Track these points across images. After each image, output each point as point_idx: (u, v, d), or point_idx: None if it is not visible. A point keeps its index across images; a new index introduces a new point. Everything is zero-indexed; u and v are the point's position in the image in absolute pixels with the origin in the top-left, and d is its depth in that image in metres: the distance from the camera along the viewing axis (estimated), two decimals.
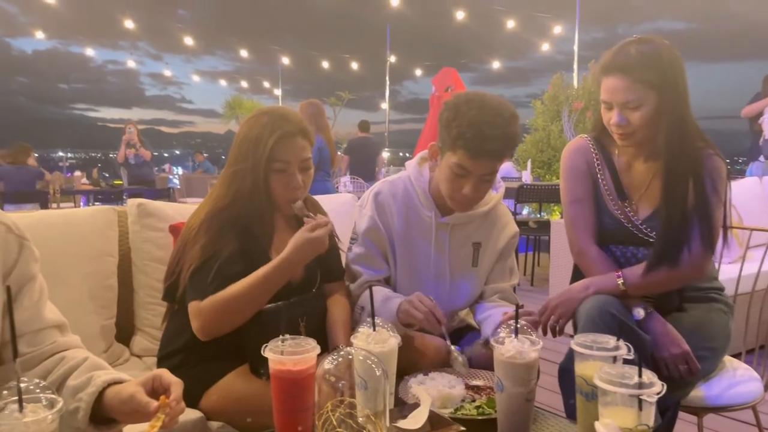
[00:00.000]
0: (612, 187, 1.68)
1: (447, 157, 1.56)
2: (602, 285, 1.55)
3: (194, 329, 1.44)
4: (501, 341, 1.18)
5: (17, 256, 1.08)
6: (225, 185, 1.54)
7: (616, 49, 1.54)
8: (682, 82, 1.53)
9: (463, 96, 1.58)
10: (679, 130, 1.52)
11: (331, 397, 0.97)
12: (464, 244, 1.74)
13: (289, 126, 1.50)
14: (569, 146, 1.75)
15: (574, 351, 1.16)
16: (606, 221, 1.67)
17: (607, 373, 1.00)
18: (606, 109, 1.57)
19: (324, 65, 17.71)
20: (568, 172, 1.72)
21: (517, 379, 1.16)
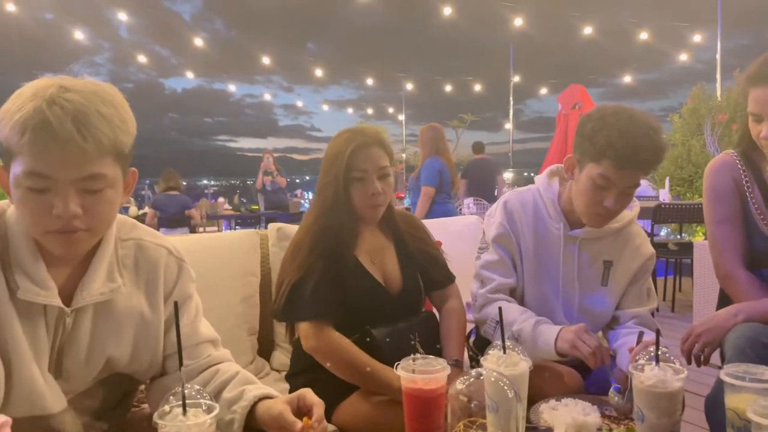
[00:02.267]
0: (763, 205, 1.55)
1: (588, 169, 1.53)
2: (754, 311, 1.42)
3: (305, 348, 1.53)
4: (641, 368, 1.13)
5: (177, 277, 1.19)
6: (314, 203, 1.65)
7: (765, 58, 1.44)
8: None
9: (609, 108, 1.55)
10: None
11: (462, 417, 0.99)
12: (594, 261, 1.68)
13: (364, 137, 1.57)
14: (713, 163, 1.65)
15: (724, 382, 1.09)
16: (757, 243, 1.54)
17: (763, 406, 0.92)
18: (755, 121, 1.46)
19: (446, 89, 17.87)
20: (713, 190, 1.62)
21: (660, 409, 1.10)
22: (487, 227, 1.76)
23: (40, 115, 0.90)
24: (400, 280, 1.64)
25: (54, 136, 0.90)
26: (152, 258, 1.16)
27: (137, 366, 1.15)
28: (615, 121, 1.47)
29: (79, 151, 0.91)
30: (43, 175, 0.92)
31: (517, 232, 1.70)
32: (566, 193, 1.67)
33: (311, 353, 1.53)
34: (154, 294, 1.15)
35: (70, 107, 0.91)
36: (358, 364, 1.47)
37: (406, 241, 1.70)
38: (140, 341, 1.13)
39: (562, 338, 1.49)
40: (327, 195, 1.59)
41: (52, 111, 0.90)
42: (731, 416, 1.08)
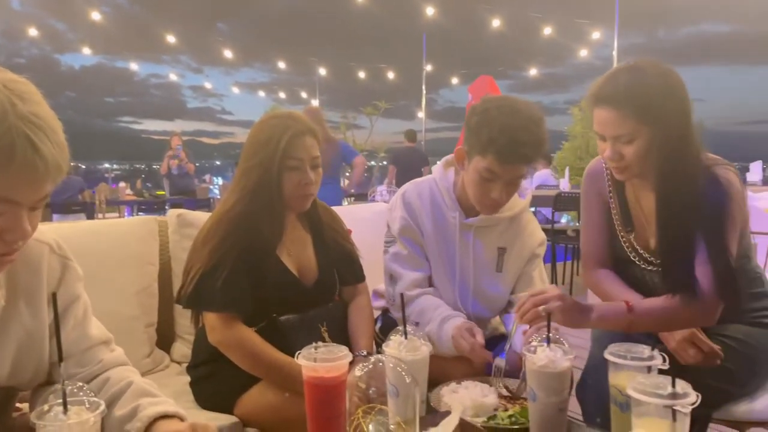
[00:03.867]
0: (620, 217, 1.59)
1: (475, 161, 1.57)
2: (608, 311, 1.42)
3: (210, 340, 1.49)
4: (533, 350, 1.18)
5: (60, 277, 1.08)
6: (233, 187, 1.59)
7: (606, 78, 1.42)
8: (678, 110, 1.38)
9: (492, 101, 1.60)
10: (676, 161, 1.38)
11: (362, 403, 0.99)
12: (489, 248, 1.74)
13: (299, 125, 1.54)
14: (587, 169, 1.69)
15: (608, 361, 1.15)
16: (618, 250, 1.61)
17: (640, 383, 0.99)
18: (600, 140, 1.46)
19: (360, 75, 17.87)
20: (583, 195, 1.68)
21: (550, 388, 1.15)
22: (390, 221, 1.78)
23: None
24: (315, 273, 1.63)
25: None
26: (32, 260, 1.04)
27: (19, 378, 1.04)
28: (497, 115, 1.52)
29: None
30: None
31: (418, 222, 1.73)
32: (461, 183, 1.71)
33: (216, 345, 1.49)
34: (35, 299, 1.04)
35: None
36: (265, 361, 1.44)
37: (325, 234, 1.69)
38: (22, 354, 1.03)
39: (453, 337, 1.55)
40: (250, 180, 1.54)
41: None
42: (614, 393, 1.15)
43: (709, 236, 1.39)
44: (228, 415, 1.50)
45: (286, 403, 1.39)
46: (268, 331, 1.48)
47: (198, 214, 1.95)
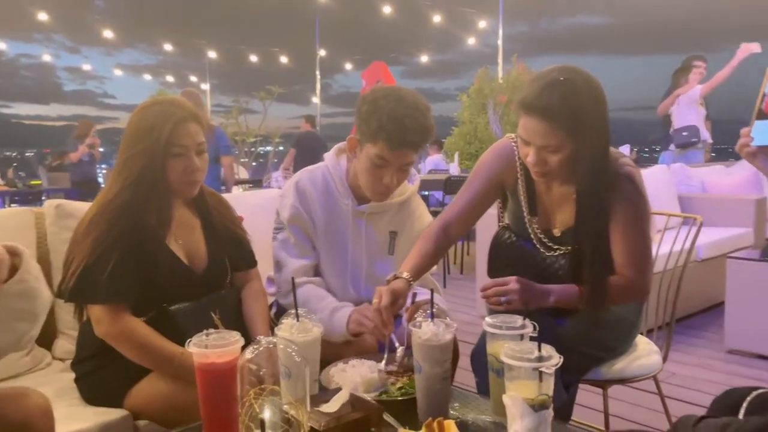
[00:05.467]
0: (526, 201, 1.67)
1: (367, 149, 1.63)
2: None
3: (96, 333, 1.45)
4: (418, 325, 1.25)
5: None
6: (114, 176, 1.54)
7: (539, 89, 1.43)
8: (603, 121, 1.48)
9: (380, 90, 1.66)
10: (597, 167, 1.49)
11: (253, 386, 1.01)
12: (381, 233, 1.81)
13: (182, 112, 1.51)
14: (495, 145, 1.75)
15: (486, 332, 1.25)
16: (521, 231, 1.70)
17: (511, 349, 1.08)
18: (523, 143, 1.52)
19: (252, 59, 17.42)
20: (481, 165, 1.73)
21: (433, 360, 1.23)
22: (280, 208, 1.80)
23: None
24: (205, 259, 1.61)
25: None
26: None
27: None
28: (385, 103, 1.58)
29: None
30: None
31: (310, 210, 1.76)
32: (353, 170, 1.76)
33: (103, 338, 1.44)
34: None
35: None
36: (156, 351, 1.42)
37: (214, 219, 1.66)
38: None
39: (353, 320, 1.60)
40: (134, 169, 1.48)
41: None
42: (491, 360, 1.25)
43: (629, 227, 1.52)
44: (118, 410, 1.46)
45: (178, 391, 1.39)
46: (159, 321, 1.46)
47: (78, 205, 1.86)
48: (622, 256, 1.54)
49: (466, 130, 7.48)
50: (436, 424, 1.04)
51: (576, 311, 1.59)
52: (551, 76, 1.44)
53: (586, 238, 1.53)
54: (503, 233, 1.76)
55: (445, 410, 1.25)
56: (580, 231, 1.55)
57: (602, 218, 1.52)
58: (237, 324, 1.59)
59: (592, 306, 1.52)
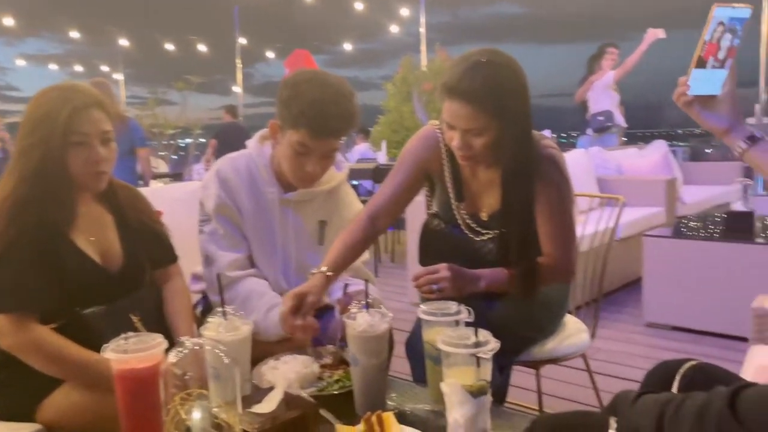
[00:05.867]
0: (452, 188, 1.67)
1: (288, 135, 1.57)
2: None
3: (2, 345, 1.33)
4: (353, 317, 1.22)
5: None
6: (9, 169, 1.40)
7: (461, 72, 1.43)
8: (525, 104, 1.49)
9: (302, 74, 1.59)
10: (521, 149, 1.50)
11: (179, 391, 0.95)
12: (309, 222, 1.75)
13: (83, 97, 1.39)
14: (419, 132, 1.73)
15: (421, 319, 1.23)
16: (448, 217, 1.70)
17: (448, 336, 1.07)
18: (448, 128, 1.51)
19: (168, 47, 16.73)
20: (405, 153, 1.71)
21: (369, 351, 1.20)
22: (204, 199, 1.71)
23: None
24: (120, 258, 1.49)
25: None
26: None
27: None
28: (307, 89, 1.53)
29: None
30: None
31: (235, 199, 1.68)
32: (277, 157, 1.69)
33: (9, 351, 1.32)
34: None
35: None
36: (69, 361, 1.31)
37: (128, 214, 1.55)
38: None
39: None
40: (30, 161, 1.35)
41: None
42: (428, 348, 1.23)
43: (553, 209, 1.54)
44: (30, 424, 1.35)
45: (95, 402, 1.28)
46: (72, 328, 1.35)
47: None
48: (547, 237, 1.57)
49: (392, 119, 7.49)
50: (375, 417, 1.01)
51: (506, 294, 1.61)
52: (473, 59, 1.44)
53: (513, 221, 1.55)
54: (432, 220, 1.75)
55: (382, 402, 1.22)
56: (507, 214, 1.56)
57: (527, 201, 1.54)
58: (159, 325, 1.50)
59: (522, 288, 1.54)
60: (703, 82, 1.08)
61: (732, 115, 1.09)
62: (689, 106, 1.11)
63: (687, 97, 1.10)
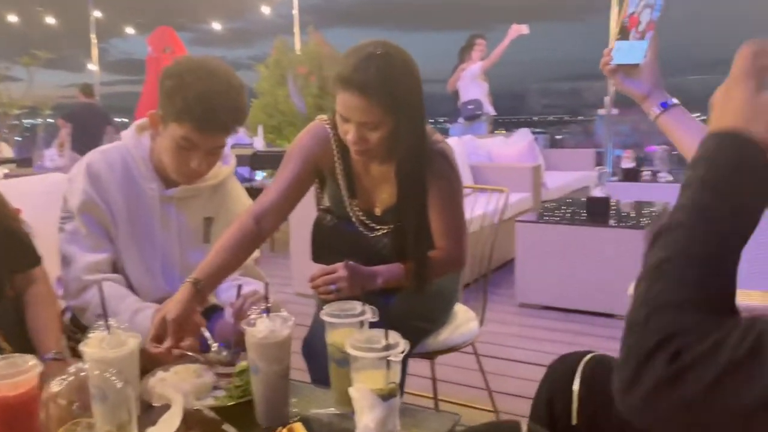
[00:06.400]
0: (345, 183, 1.65)
1: (171, 129, 1.44)
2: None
3: None
4: (252, 323, 1.15)
5: None
6: None
7: (355, 63, 1.41)
8: (419, 99, 1.49)
9: (186, 63, 1.47)
10: (415, 144, 1.50)
11: (61, 422, 0.84)
12: (193, 219, 1.64)
13: None
14: (309, 129, 1.68)
15: (324, 321, 1.20)
16: (342, 214, 1.67)
17: (357, 340, 1.05)
18: (342, 121, 1.49)
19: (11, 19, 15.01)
20: (294, 150, 1.65)
21: (271, 358, 1.15)
22: (69, 194, 1.53)
23: None
24: None
25: None
26: None
27: None
28: (193, 80, 1.41)
29: None
30: None
31: (106, 197, 1.52)
32: (157, 150, 1.55)
33: None
34: None
35: None
36: None
37: None
38: None
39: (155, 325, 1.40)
40: None
41: None
42: (332, 351, 1.20)
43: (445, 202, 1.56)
44: None
45: None
46: None
47: None
48: (440, 230, 1.59)
49: (267, 102, 7.27)
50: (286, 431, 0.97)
51: (401, 288, 1.63)
52: (366, 50, 1.42)
53: (408, 215, 1.55)
54: (324, 216, 1.72)
55: (286, 409, 1.18)
56: (402, 209, 1.56)
57: (422, 195, 1.55)
58: (23, 339, 1.34)
59: (418, 281, 1.56)
60: (625, 52, 1.16)
61: (651, 82, 1.17)
62: (613, 74, 1.19)
63: (611, 66, 1.17)
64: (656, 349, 0.54)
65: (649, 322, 0.56)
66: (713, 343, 0.51)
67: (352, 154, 1.55)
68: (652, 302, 0.57)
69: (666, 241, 0.60)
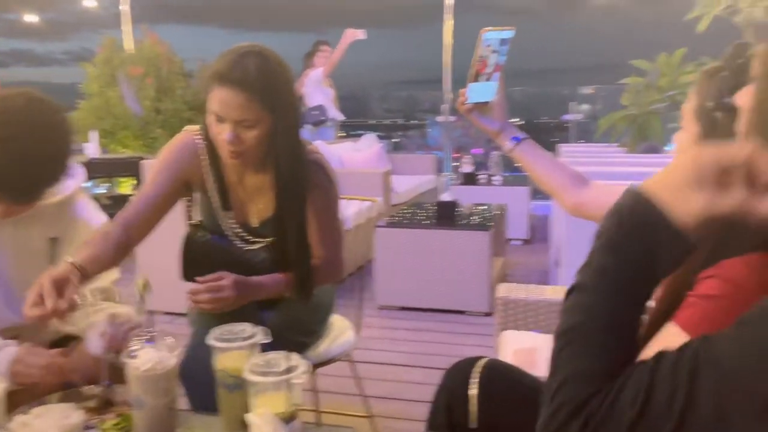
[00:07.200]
0: (218, 196, 1.60)
1: None
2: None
3: None
4: (134, 355, 1.08)
5: None
6: None
7: (233, 59, 1.41)
8: (295, 101, 1.51)
9: None
10: (293, 150, 1.50)
11: None
12: (36, 241, 1.48)
13: None
14: (176, 141, 1.60)
15: (211, 346, 1.15)
16: (216, 227, 1.62)
17: (256, 365, 1.03)
18: (216, 121, 1.44)
19: None
20: (162, 163, 1.58)
21: (158, 391, 1.08)
22: None
23: None
24: None
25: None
26: None
27: None
28: None
29: None
30: None
31: None
32: None
33: None
34: None
35: None
36: None
37: None
38: None
39: (16, 373, 1.29)
40: None
41: None
42: (222, 376, 1.15)
43: (322, 213, 1.58)
44: None
45: None
46: None
47: None
48: (318, 240, 1.61)
49: (97, 104, 6.65)
50: None
51: (278, 301, 1.62)
52: (243, 49, 1.44)
53: (288, 226, 1.55)
54: (195, 232, 1.66)
55: None
56: (282, 220, 1.55)
57: (302, 205, 1.56)
58: None
59: (302, 292, 1.57)
60: (477, 92, 1.28)
61: (502, 118, 1.32)
62: (469, 113, 1.30)
63: (467, 105, 1.29)
64: (569, 418, 0.58)
65: (561, 391, 0.60)
66: (610, 405, 0.57)
67: (224, 160, 1.52)
68: (562, 370, 0.61)
69: (574, 303, 0.64)
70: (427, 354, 2.92)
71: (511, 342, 1.54)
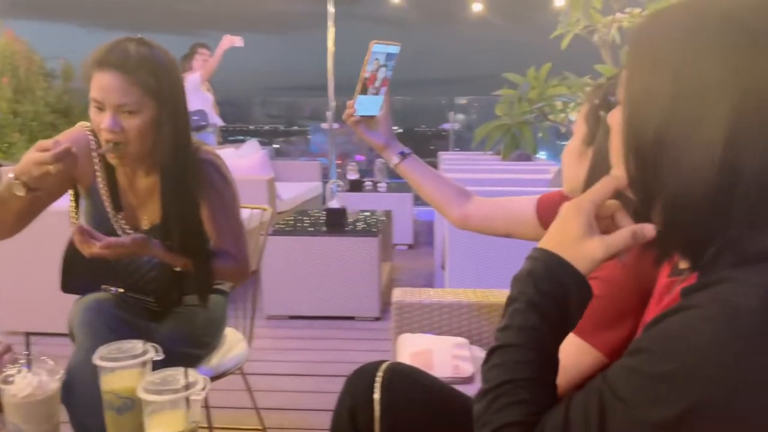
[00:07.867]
0: (109, 197, 1.54)
1: None
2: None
3: None
4: (10, 380, 0.99)
5: None
6: None
7: (112, 45, 1.40)
8: (182, 92, 1.47)
9: None
10: (181, 145, 1.46)
11: None
12: None
13: None
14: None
15: (97, 366, 1.08)
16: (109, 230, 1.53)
17: (151, 383, 0.98)
18: (97, 109, 1.39)
19: None
20: None
21: (39, 418, 1.00)
22: None
23: None
24: None
25: None
26: None
27: None
28: None
29: None
30: None
31: None
32: None
33: None
34: None
35: None
36: None
37: None
38: None
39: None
40: None
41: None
42: (110, 398, 1.09)
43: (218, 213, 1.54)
44: None
45: None
46: None
47: None
48: (218, 241, 1.58)
49: None
50: None
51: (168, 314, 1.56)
52: (124, 37, 1.42)
53: (175, 230, 1.50)
54: None
55: None
56: (168, 223, 1.51)
57: (190, 208, 1.52)
58: None
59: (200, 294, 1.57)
60: (365, 105, 1.28)
61: (387, 134, 1.34)
62: (356, 125, 1.31)
63: (354, 118, 1.29)
64: None
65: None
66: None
67: (110, 160, 1.46)
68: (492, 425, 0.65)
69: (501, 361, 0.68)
70: (319, 362, 2.91)
71: (407, 345, 1.58)
